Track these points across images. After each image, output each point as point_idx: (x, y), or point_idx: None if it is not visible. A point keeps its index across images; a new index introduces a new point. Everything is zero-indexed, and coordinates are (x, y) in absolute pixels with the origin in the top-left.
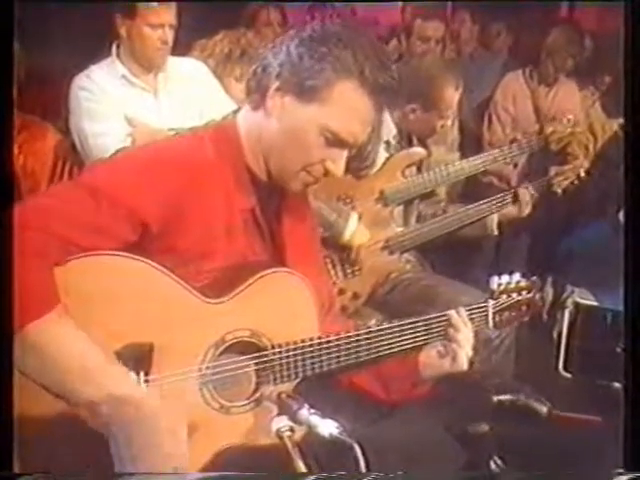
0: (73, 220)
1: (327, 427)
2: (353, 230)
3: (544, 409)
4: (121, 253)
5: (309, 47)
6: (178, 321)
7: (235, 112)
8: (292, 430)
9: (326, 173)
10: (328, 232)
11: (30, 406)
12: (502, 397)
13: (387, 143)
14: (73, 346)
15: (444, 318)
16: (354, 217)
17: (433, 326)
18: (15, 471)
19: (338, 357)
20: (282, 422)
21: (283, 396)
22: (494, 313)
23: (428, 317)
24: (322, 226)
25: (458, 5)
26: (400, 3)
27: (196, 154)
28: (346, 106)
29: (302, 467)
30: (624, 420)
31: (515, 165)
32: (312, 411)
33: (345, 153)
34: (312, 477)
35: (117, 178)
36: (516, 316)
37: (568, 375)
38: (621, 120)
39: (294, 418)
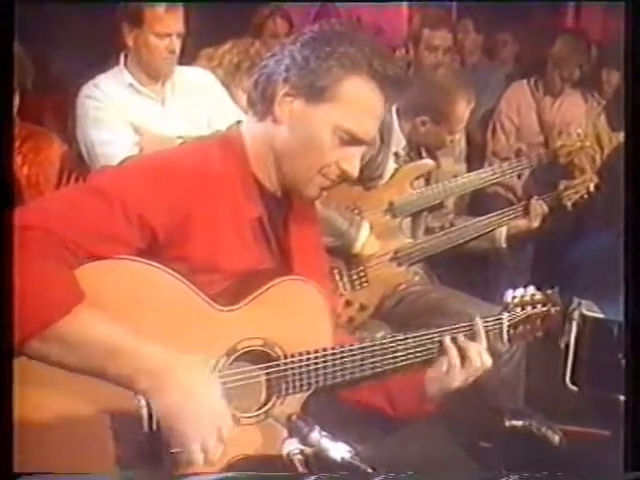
0: (82, 224)
1: (339, 451)
2: (364, 240)
3: (556, 438)
4: (131, 257)
5: (313, 48)
6: (189, 328)
7: (238, 123)
8: (303, 454)
9: (342, 174)
10: (339, 241)
11: (30, 406)
12: (515, 422)
13: (396, 154)
14: (104, 331)
15: (465, 328)
16: (366, 227)
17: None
18: (15, 471)
19: (353, 368)
20: (292, 445)
21: (293, 418)
22: (508, 327)
23: (445, 329)
24: (333, 235)
25: (463, 14)
26: (405, 3)
27: (203, 163)
28: (358, 102)
29: None
30: (624, 424)
31: (519, 176)
32: (323, 434)
33: (359, 151)
34: (313, 477)
35: (125, 183)
36: (531, 330)
37: (575, 388)
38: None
39: (305, 441)
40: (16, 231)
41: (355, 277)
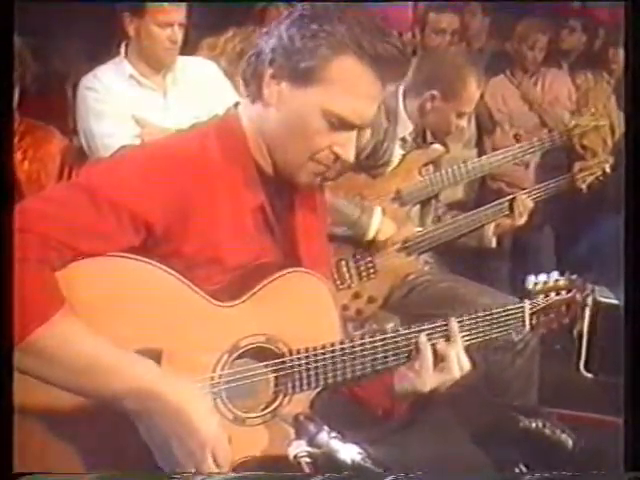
0: (71, 224)
1: (349, 452)
2: (378, 225)
3: (570, 442)
4: (125, 254)
5: (300, 27)
6: (188, 326)
7: (236, 105)
8: (311, 456)
9: (336, 159)
10: (352, 230)
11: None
12: (529, 423)
13: (403, 140)
14: (84, 345)
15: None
16: (378, 212)
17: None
18: (15, 471)
19: (363, 363)
20: (300, 447)
21: (301, 418)
22: (531, 315)
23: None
24: (345, 224)
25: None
26: (410, 3)
27: (200, 151)
28: (347, 84)
29: None
30: (624, 424)
31: (527, 166)
32: (332, 434)
33: (354, 135)
34: (319, 477)
35: (116, 178)
36: (555, 318)
37: (590, 375)
38: None
39: (313, 442)
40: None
41: (363, 268)
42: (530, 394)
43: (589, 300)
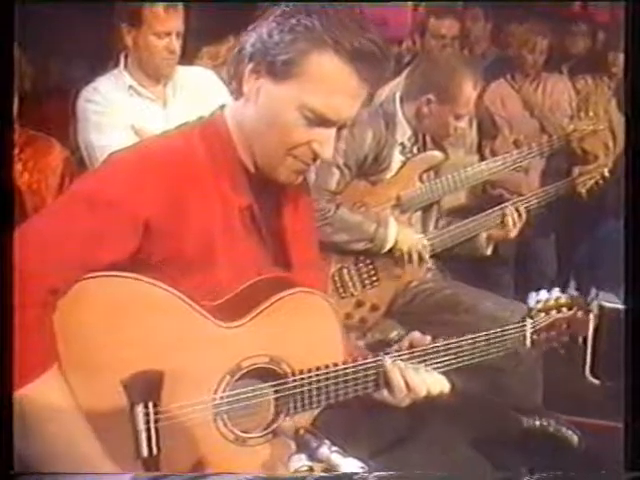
0: (70, 235)
1: (350, 466)
2: (396, 235)
3: (575, 439)
4: (126, 274)
5: (278, 22)
6: (190, 347)
7: (222, 107)
8: (312, 470)
9: (315, 157)
10: (371, 244)
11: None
12: (534, 422)
13: (402, 145)
14: (68, 424)
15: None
16: (392, 221)
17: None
18: (15, 471)
19: (365, 383)
20: (301, 462)
21: (301, 432)
22: (532, 333)
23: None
24: (364, 239)
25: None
26: (410, 4)
27: (187, 151)
28: (323, 80)
29: None
30: (624, 424)
31: (526, 171)
32: (333, 448)
33: (332, 132)
34: (316, 476)
35: (109, 182)
36: (557, 335)
37: (595, 381)
38: None
39: (314, 456)
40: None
41: (365, 276)
42: (535, 399)
43: (594, 305)
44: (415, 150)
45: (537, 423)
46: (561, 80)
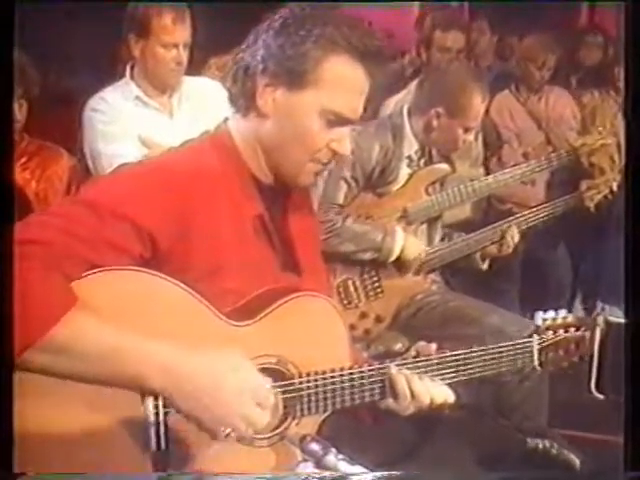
0: (78, 236)
1: (358, 475)
2: (403, 244)
3: (577, 462)
4: (136, 268)
5: (288, 35)
6: (200, 344)
7: (225, 121)
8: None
9: (334, 155)
10: (378, 253)
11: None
12: (537, 443)
13: (409, 158)
14: (102, 333)
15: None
16: (399, 230)
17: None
18: (15, 471)
19: (372, 388)
20: (307, 470)
21: (308, 439)
22: (539, 350)
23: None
24: (371, 249)
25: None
26: (416, 3)
27: (199, 164)
28: (341, 82)
29: None
30: (624, 424)
31: (533, 183)
32: (340, 457)
33: (348, 130)
34: (316, 476)
35: (117, 192)
36: (565, 355)
37: (601, 396)
38: None
39: (320, 464)
40: (15, 246)
41: (370, 287)
42: (540, 417)
43: (600, 320)
44: (422, 163)
45: (540, 445)
46: (566, 93)
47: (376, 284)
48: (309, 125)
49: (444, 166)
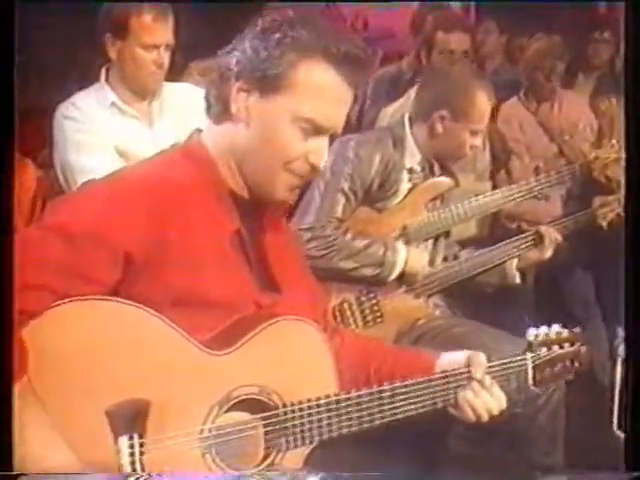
0: (44, 265)
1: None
2: (406, 258)
3: None
4: (109, 297)
5: (262, 38)
6: (178, 375)
7: (198, 131)
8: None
9: (311, 169)
10: (380, 268)
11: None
12: None
13: (410, 170)
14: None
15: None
16: (400, 245)
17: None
18: (15, 471)
19: (360, 417)
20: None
21: (294, 468)
22: (534, 368)
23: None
24: (373, 264)
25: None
26: (416, 3)
27: (171, 176)
28: (315, 88)
29: None
30: (625, 419)
31: (546, 198)
32: None
33: (326, 141)
34: (317, 477)
35: (87, 211)
36: (561, 372)
37: (622, 434)
38: None
39: None
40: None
41: (368, 312)
42: (554, 454)
43: (620, 349)
44: (423, 176)
45: None
46: (579, 99)
47: (375, 307)
48: (281, 132)
49: (446, 180)
